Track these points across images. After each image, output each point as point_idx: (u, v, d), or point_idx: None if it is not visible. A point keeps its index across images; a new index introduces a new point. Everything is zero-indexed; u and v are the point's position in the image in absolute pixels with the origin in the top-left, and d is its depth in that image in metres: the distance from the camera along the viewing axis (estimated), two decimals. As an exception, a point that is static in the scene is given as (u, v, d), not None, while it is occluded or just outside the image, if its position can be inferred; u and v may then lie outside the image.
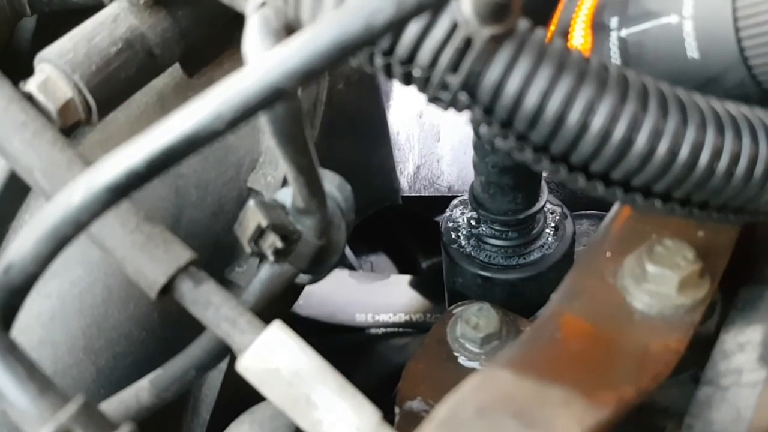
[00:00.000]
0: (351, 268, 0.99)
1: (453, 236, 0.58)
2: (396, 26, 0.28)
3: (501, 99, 0.31)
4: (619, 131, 0.32)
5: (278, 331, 0.36)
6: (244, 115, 0.27)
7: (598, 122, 0.32)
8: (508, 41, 0.31)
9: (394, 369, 0.83)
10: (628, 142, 0.32)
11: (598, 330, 0.37)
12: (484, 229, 0.56)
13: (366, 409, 0.36)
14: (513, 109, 0.31)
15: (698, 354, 0.40)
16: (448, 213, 0.59)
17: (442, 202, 0.76)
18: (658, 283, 0.38)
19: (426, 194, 0.75)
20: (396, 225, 0.95)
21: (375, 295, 0.95)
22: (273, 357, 0.36)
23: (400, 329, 0.93)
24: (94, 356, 0.42)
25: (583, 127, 0.32)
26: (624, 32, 0.42)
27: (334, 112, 0.51)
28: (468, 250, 0.57)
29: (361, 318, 0.94)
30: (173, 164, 0.29)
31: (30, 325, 0.41)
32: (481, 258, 0.56)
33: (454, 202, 0.59)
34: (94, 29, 0.39)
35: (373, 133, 0.60)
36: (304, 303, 0.92)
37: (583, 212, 0.69)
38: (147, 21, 0.40)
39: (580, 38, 0.44)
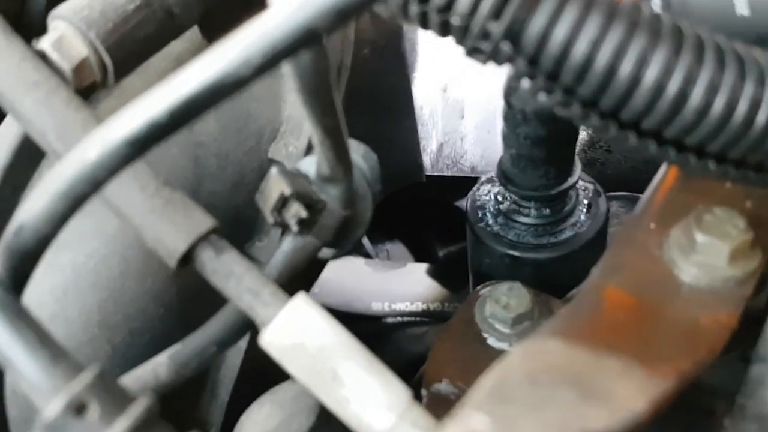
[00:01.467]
0: (367, 256, 0.97)
1: (479, 214, 0.56)
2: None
3: (547, 48, 0.29)
4: (674, 85, 0.30)
5: (303, 303, 0.34)
6: (273, 59, 0.25)
7: (651, 74, 0.30)
8: (554, -13, 0.29)
9: (411, 359, 0.81)
10: (682, 96, 0.30)
11: (644, 303, 0.35)
12: (512, 206, 0.54)
13: (396, 387, 0.34)
14: (560, 59, 0.29)
15: (748, 330, 0.37)
16: (474, 190, 0.56)
17: (464, 183, 0.74)
18: (708, 254, 0.36)
19: (449, 174, 0.73)
20: (414, 212, 0.93)
21: (391, 284, 0.93)
22: (297, 330, 0.34)
23: (417, 318, 0.92)
24: (110, 332, 0.40)
25: (636, 79, 0.30)
26: None
27: (359, 80, 0.49)
28: (495, 228, 0.55)
29: (377, 307, 0.92)
30: (198, 115, 0.27)
31: (42, 299, 0.40)
32: (509, 237, 0.54)
33: (482, 179, 0.57)
34: (109, -14, 0.37)
35: (397, 105, 0.58)
36: (320, 291, 0.90)
37: (613, 193, 0.67)
38: (165, -22, 0.38)
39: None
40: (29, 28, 0.46)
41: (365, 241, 0.96)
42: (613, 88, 0.30)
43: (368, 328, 0.91)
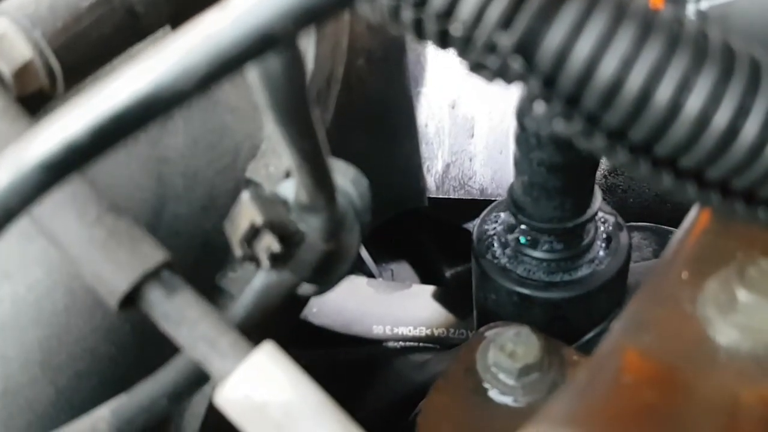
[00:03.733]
0: (370, 275, 0.93)
1: (486, 245, 0.50)
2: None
3: (567, 67, 0.24)
4: (722, 116, 0.24)
5: (266, 356, 0.29)
6: (220, 70, 0.20)
7: (694, 103, 0.24)
8: (578, -9, 0.24)
9: (411, 387, 0.77)
10: (732, 130, 0.24)
11: (672, 373, 0.30)
12: (523, 238, 0.48)
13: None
14: (582, 80, 0.24)
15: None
16: (481, 218, 0.51)
17: (472, 206, 0.69)
18: (751, 315, 0.31)
19: (455, 196, 0.67)
20: (420, 231, 0.89)
21: (394, 306, 0.89)
22: (259, 389, 0.29)
23: (420, 344, 0.87)
24: (53, 374, 0.35)
25: (675, 108, 0.24)
26: (704, 4, 0.36)
27: (353, 94, 0.43)
28: (503, 262, 0.49)
29: (378, 330, 0.89)
30: (128, 135, 0.22)
31: (-22, 334, 0.35)
32: (518, 272, 0.48)
33: (491, 206, 0.51)
34: (63, -21, 0.32)
35: (397, 123, 0.52)
36: (318, 311, 0.87)
37: (635, 224, 0.61)
38: (128, -28, 0.33)
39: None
40: None
41: (368, 259, 0.92)
42: (647, 118, 0.24)
43: (368, 352, 0.87)
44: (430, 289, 0.88)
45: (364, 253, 0.89)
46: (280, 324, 0.34)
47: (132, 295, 0.29)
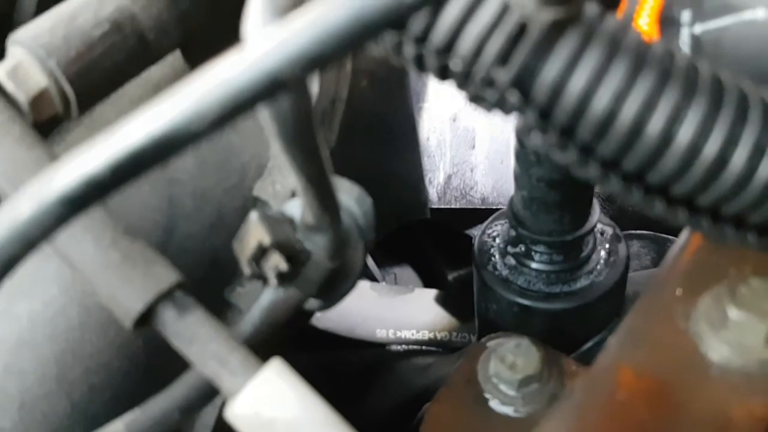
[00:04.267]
0: (373, 279, 0.93)
1: (487, 257, 0.51)
2: (431, 2, 0.21)
3: (562, 101, 0.25)
4: (712, 146, 0.25)
5: (275, 373, 0.30)
6: (232, 113, 0.21)
7: (685, 134, 0.25)
8: (572, 29, 0.25)
9: (414, 390, 0.77)
10: (722, 159, 0.25)
11: (666, 388, 0.31)
12: (523, 250, 0.49)
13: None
14: (576, 113, 0.25)
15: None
16: (482, 230, 0.52)
17: (474, 215, 0.69)
18: (742, 333, 0.32)
19: (457, 206, 0.68)
20: (423, 236, 0.90)
21: (397, 310, 0.90)
22: (268, 405, 0.30)
23: (423, 347, 0.88)
24: (68, 388, 0.36)
25: (666, 139, 0.25)
26: (698, 28, 0.37)
27: (356, 113, 0.45)
28: (504, 273, 0.50)
29: (381, 334, 0.89)
30: (143, 172, 0.23)
31: (-5, 350, 0.36)
32: (518, 283, 0.49)
33: (492, 217, 0.52)
34: (77, 8, 0.33)
35: (400, 139, 0.53)
36: (322, 315, 0.87)
37: (633, 231, 0.62)
38: (139, 0, 0.34)
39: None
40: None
41: (371, 263, 0.93)
42: (639, 149, 0.25)
43: (371, 356, 0.87)
44: (433, 292, 0.88)
45: (367, 258, 0.90)
46: (287, 334, 0.35)
47: (146, 315, 0.30)
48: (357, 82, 0.45)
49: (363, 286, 0.90)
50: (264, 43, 0.21)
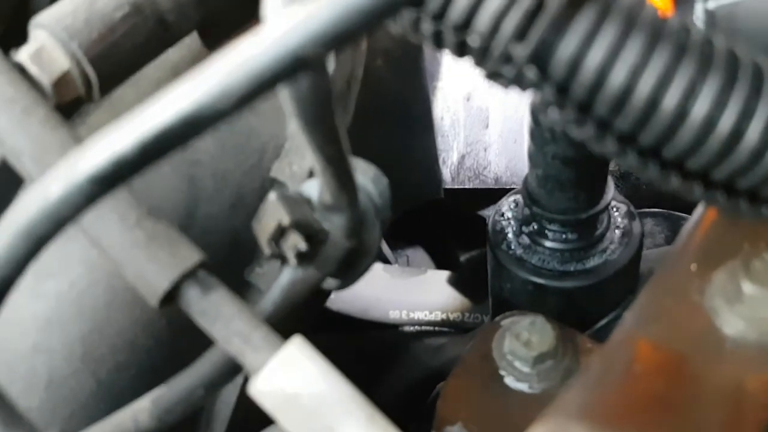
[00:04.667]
0: (386, 261, 0.94)
1: (501, 236, 0.51)
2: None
3: (579, 76, 0.25)
4: (727, 120, 0.26)
5: (297, 349, 0.31)
6: (256, 91, 0.22)
7: (700, 108, 0.25)
8: (589, 4, 0.25)
9: (428, 371, 0.78)
10: (737, 133, 0.26)
11: (681, 362, 0.31)
12: (537, 228, 0.50)
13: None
14: (594, 88, 0.25)
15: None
16: (496, 209, 0.52)
17: (487, 195, 0.70)
18: (756, 306, 0.32)
19: (470, 186, 0.69)
20: (436, 218, 0.90)
21: (410, 291, 0.90)
22: (291, 380, 0.30)
23: (436, 328, 0.88)
24: (95, 365, 0.37)
25: (682, 113, 0.25)
26: (712, 3, 0.37)
27: (371, 93, 0.45)
28: (518, 252, 0.50)
29: (394, 315, 0.90)
30: (171, 151, 0.23)
31: (24, 329, 0.37)
32: (533, 262, 0.50)
33: (505, 197, 0.52)
34: (97, -9, 0.34)
35: (415, 120, 0.54)
36: (336, 297, 0.88)
37: (647, 210, 0.62)
38: (158, -17, 0.34)
39: (658, 10, 0.38)
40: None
41: (384, 245, 0.93)
42: (655, 123, 0.26)
43: (384, 337, 0.88)
44: (445, 274, 0.89)
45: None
46: (306, 314, 0.36)
47: (171, 293, 0.31)
48: (372, 61, 0.45)
49: (376, 268, 0.91)
50: (285, 21, 0.21)
